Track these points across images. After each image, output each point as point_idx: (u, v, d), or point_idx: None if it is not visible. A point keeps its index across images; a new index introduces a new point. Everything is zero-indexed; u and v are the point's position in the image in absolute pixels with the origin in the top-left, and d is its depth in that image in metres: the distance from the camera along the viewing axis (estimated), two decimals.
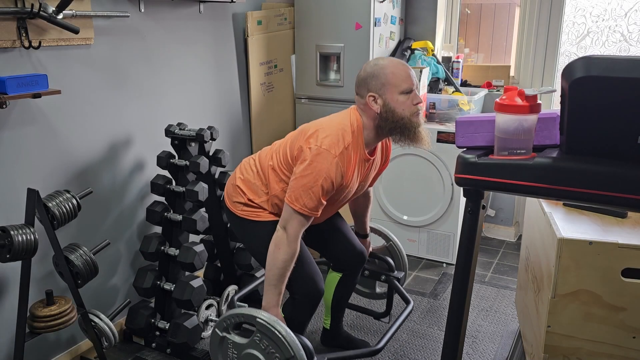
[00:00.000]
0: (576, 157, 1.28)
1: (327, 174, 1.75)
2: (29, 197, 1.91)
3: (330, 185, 1.78)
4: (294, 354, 1.61)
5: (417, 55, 3.38)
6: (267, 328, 1.65)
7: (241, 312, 1.73)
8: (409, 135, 1.84)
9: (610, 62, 1.18)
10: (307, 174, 1.76)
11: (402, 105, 1.81)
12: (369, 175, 2.03)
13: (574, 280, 1.79)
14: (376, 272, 2.40)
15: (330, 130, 1.80)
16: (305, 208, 1.76)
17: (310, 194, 1.75)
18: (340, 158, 1.77)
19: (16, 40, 1.92)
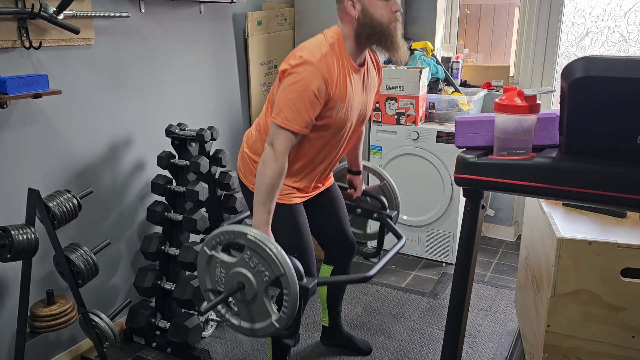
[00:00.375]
0: (576, 157, 1.28)
1: (307, 83, 1.70)
2: (30, 197, 1.91)
3: (313, 95, 1.71)
4: (284, 272, 1.53)
5: (417, 55, 3.38)
6: (257, 245, 1.56)
7: (231, 229, 1.63)
8: (386, 43, 1.80)
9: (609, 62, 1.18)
10: (287, 87, 1.72)
11: (381, 11, 1.77)
12: (369, 93, 1.98)
13: (573, 280, 1.79)
14: (368, 210, 2.32)
15: (306, 46, 1.78)
16: (287, 121, 1.70)
17: (291, 106, 1.70)
18: (319, 65, 1.71)
19: (17, 41, 1.92)
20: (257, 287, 1.59)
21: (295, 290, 1.54)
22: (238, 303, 1.65)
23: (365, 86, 1.92)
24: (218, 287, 1.67)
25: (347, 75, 1.81)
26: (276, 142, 1.73)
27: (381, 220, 2.30)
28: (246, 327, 1.66)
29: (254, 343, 2.52)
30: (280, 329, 1.59)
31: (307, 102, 1.70)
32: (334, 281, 2.11)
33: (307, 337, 2.57)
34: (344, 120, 1.85)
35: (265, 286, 1.58)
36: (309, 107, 1.71)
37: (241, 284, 1.61)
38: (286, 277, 1.54)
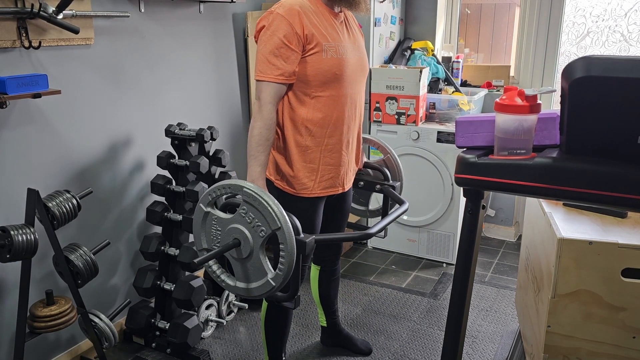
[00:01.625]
0: (576, 157, 1.28)
1: (273, 32, 1.72)
2: (29, 197, 1.91)
3: (281, 42, 1.71)
4: (281, 226, 1.50)
5: (417, 55, 3.38)
6: (254, 198, 1.53)
7: (227, 183, 1.60)
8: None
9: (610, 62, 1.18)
10: (259, 43, 1.76)
11: None
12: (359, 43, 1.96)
13: (574, 280, 1.79)
14: (371, 182, 2.28)
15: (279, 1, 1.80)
16: (262, 73, 1.74)
17: (262, 58, 1.74)
18: (284, 11, 1.72)
19: (16, 40, 1.92)
20: (253, 243, 1.55)
21: (292, 244, 1.50)
22: (234, 262, 1.62)
23: (350, 32, 1.92)
24: (214, 245, 1.64)
25: (326, 19, 1.81)
26: (261, 94, 1.77)
27: (384, 191, 2.24)
28: (241, 287, 1.62)
29: (253, 343, 2.52)
30: (277, 287, 1.55)
31: (274, 49, 1.72)
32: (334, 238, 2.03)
33: (307, 337, 2.57)
34: (338, 60, 1.82)
35: (261, 242, 1.54)
36: (278, 54, 1.73)
37: (237, 240, 1.57)
38: (282, 231, 1.50)
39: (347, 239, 1.90)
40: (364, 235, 1.82)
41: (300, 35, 1.73)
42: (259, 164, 1.79)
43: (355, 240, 1.95)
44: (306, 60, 1.76)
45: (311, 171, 1.89)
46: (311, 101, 1.82)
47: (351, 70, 1.86)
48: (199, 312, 2.46)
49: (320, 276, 2.30)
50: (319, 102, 1.83)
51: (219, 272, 1.66)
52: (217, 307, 2.59)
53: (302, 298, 2.82)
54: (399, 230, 3.35)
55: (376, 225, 1.84)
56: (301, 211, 1.84)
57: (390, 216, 1.95)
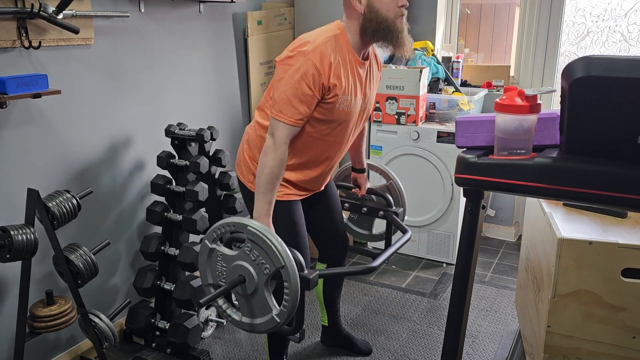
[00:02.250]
0: (576, 157, 1.28)
1: (300, 75, 1.69)
2: (29, 197, 1.91)
3: (307, 88, 1.70)
4: (285, 264, 1.52)
5: (417, 55, 3.38)
6: (258, 237, 1.56)
7: (232, 221, 1.63)
8: (392, 39, 1.80)
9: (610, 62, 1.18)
10: (281, 79, 1.73)
11: (387, 6, 1.76)
12: (372, 87, 1.97)
13: (574, 280, 1.79)
14: (374, 208, 2.31)
15: (304, 37, 1.77)
16: (282, 114, 1.72)
17: (285, 99, 1.71)
18: (312, 55, 1.70)
19: (16, 40, 1.92)
20: (257, 280, 1.58)
21: (295, 282, 1.52)
22: (239, 297, 1.64)
23: (368, 80, 1.92)
24: (219, 281, 1.66)
25: (351, 69, 1.81)
26: (276, 132, 1.74)
27: (387, 217, 2.28)
28: (247, 322, 1.64)
29: (253, 344, 2.52)
30: (281, 323, 1.57)
31: (299, 94, 1.71)
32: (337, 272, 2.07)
33: (307, 337, 2.57)
34: (347, 113, 1.84)
35: (265, 279, 1.57)
36: (302, 98, 1.71)
37: (242, 277, 1.60)
38: (286, 269, 1.52)
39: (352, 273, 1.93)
40: (367, 270, 1.85)
41: (325, 86, 1.74)
42: (268, 201, 1.77)
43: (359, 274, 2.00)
44: (319, 105, 1.78)
45: (289, 184, 1.95)
46: (303, 134, 1.83)
47: (353, 121, 1.91)
48: (199, 312, 2.45)
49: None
50: (310, 139, 1.86)
51: (225, 307, 1.69)
52: None
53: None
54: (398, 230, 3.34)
55: (379, 257, 1.87)
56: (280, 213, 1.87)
57: (393, 247, 1.99)
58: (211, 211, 2.58)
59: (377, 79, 2.01)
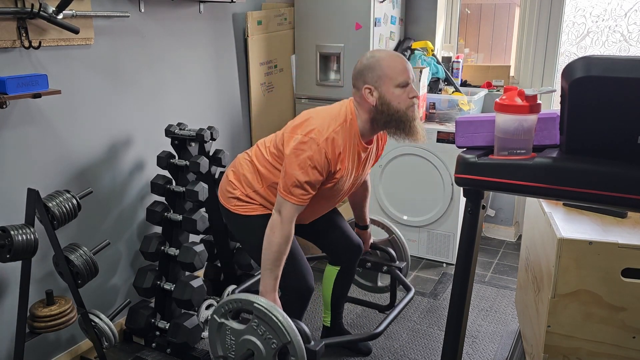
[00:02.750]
0: (576, 157, 1.28)
1: (313, 163, 1.75)
2: (29, 197, 1.91)
3: (317, 174, 1.77)
4: (291, 340, 1.60)
5: (417, 55, 3.38)
6: (264, 314, 1.63)
7: (239, 298, 1.71)
8: (404, 129, 1.83)
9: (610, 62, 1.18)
10: (293, 162, 1.77)
11: (398, 99, 1.80)
12: (367, 166, 2.03)
13: (574, 280, 1.79)
14: (378, 263, 2.38)
15: (318, 120, 1.81)
16: (292, 196, 1.78)
17: (295, 182, 1.76)
18: (325, 145, 1.76)
19: (16, 40, 1.92)
20: (265, 355, 1.66)
21: (302, 355, 1.60)
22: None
23: (367, 159, 1.99)
24: (229, 354, 1.74)
25: (353, 154, 1.88)
26: (283, 210, 1.80)
27: (391, 272, 2.37)
28: None
29: None
30: None
31: (310, 179, 1.77)
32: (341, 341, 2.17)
33: None
34: (340, 187, 1.93)
35: (273, 353, 1.64)
36: (311, 183, 1.78)
37: (250, 351, 1.68)
38: (293, 345, 1.60)
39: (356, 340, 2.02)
40: (372, 336, 1.95)
41: (329, 169, 1.81)
42: (274, 277, 1.83)
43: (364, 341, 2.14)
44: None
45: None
46: None
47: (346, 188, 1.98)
48: (199, 312, 2.45)
49: (338, 276, 2.28)
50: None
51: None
52: None
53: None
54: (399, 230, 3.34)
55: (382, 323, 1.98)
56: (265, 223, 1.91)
57: (397, 309, 2.10)
58: (211, 211, 2.58)
59: (375, 153, 2.08)
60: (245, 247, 2.11)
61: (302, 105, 3.42)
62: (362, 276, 2.61)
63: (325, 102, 3.33)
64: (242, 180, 2.00)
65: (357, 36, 3.13)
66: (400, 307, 2.12)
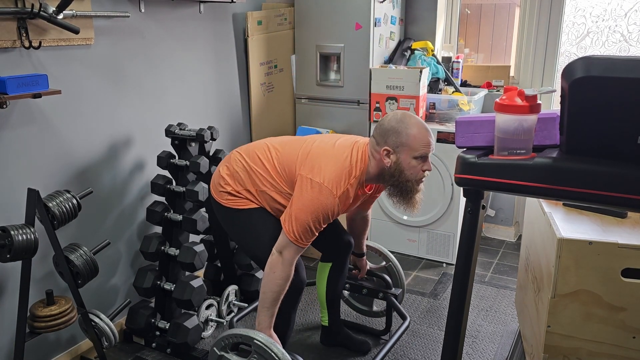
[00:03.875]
0: (576, 157, 1.28)
1: (325, 212, 1.81)
2: (29, 197, 1.91)
3: (328, 220, 1.84)
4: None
5: (417, 55, 3.38)
6: (264, 350, 1.71)
7: (239, 333, 1.79)
8: (405, 197, 1.89)
9: (610, 62, 1.18)
10: (306, 208, 1.80)
11: (413, 169, 1.84)
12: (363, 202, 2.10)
13: (573, 280, 1.79)
14: (374, 289, 2.43)
15: (335, 168, 1.83)
16: (300, 240, 1.82)
17: (305, 226, 1.80)
18: (340, 198, 1.82)
19: (16, 40, 1.92)
20: None
21: None
22: None
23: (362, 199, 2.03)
24: None
25: (356, 195, 1.91)
26: (285, 252, 1.83)
27: (387, 299, 2.40)
28: None
29: None
30: None
31: (321, 224, 1.82)
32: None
33: (307, 337, 2.57)
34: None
35: None
36: (319, 227, 1.83)
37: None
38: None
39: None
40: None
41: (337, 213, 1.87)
42: (271, 315, 1.88)
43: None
44: None
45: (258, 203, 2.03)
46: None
47: None
48: (199, 312, 2.45)
49: (331, 273, 2.30)
50: None
51: None
52: (217, 307, 2.59)
53: (303, 298, 2.81)
54: (399, 230, 3.35)
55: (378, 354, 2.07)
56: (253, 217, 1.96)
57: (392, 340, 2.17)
58: (211, 211, 2.58)
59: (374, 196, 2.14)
60: (235, 240, 2.13)
61: (302, 105, 3.42)
62: (358, 300, 2.66)
63: (325, 102, 3.34)
64: (236, 178, 2.02)
65: (357, 36, 3.13)
66: (396, 337, 2.20)
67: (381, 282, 2.45)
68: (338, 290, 2.37)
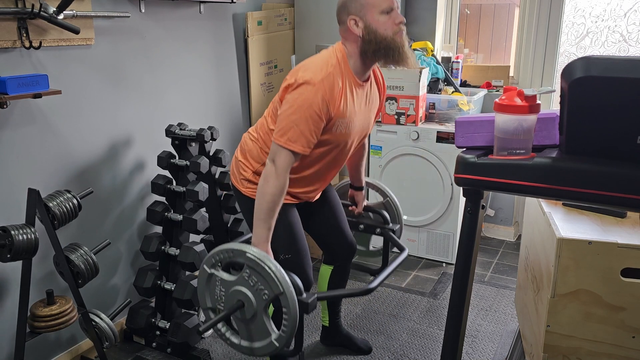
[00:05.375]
0: (576, 157, 1.28)
1: (310, 104, 1.70)
2: (30, 197, 1.91)
3: (316, 116, 1.71)
4: (283, 290, 1.54)
5: (417, 55, 3.38)
6: (256, 263, 1.57)
7: (230, 247, 1.65)
8: (394, 55, 1.79)
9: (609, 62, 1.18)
10: (289, 107, 1.72)
11: (384, 25, 1.76)
12: (372, 109, 1.98)
13: (573, 280, 1.79)
14: (371, 225, 2.34)
15: (310, 67, 1.77)
16: (290, 142, 1.71)
17: (294, 127, 1.71)
18: (321, 85, 1.71)
19: (17, 41, 1.92)
20: (256, 306, 1.61)
21: (294, 308, 1.55)
22: (237, 321, 1.66)
23: (367, 101, 1.92)
24: (218, 305, 1.68)
25: (350, 92, 1.81)
26: (278, 159, 1.73)
27: (384, 234, 2.31)
28: (245, 346, 1.67)
29: None
30: (280, 347, 1.59)
31: (310, 123, 1.71)
32: (335, 295, 2.11)
33: (307, 337, 2.57)
34: (345, 135, 1.85)
35: (264, 305, 1.59)
36: (311, 127, 1.72)
37: (240, 302, 1.62)
38: (285, 296, 1.55)
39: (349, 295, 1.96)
40: (365, 291, 1.90)
41: (329, 112, 1.75)
42: (267, 227, 1.77)
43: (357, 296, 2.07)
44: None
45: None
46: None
47: (351, 140, 1.91)
48: (199, 312, 2.46)
49: (333, 275, 2.29)
50: (308, 160, 1.86)
51: (224, 331, 1.70)
52: None
53: None
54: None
55: (376, 279, 1.93)
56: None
57: (390, 267, 2.03)
58: (211, 211, 2.58)
59: (377, 100, 2.01)
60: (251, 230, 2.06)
61: None
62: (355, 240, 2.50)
63: None
64: (250, 156, 1.96)
65: None
66: (394, 265, 2.04)
67: (379, 218, 2.36)
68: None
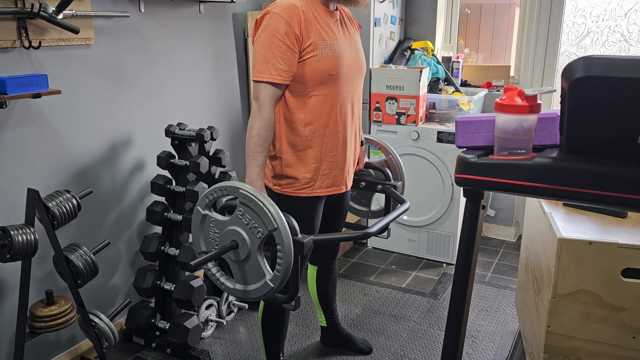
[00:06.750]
0: (576, 157, 1.28)
1: (271, 31, 1.70)
2: (29, 197, 1.91)
3: (278, 41, 1.70)
4: (277, 226, 1.50)
5: (417, 55, 3.38)
6: (250, 199, 1.53)
7: (224, 185, 1.60)
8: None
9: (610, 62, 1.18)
10: (256, 42, 1.74)
11: None
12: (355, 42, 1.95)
13: (574, 280, 1.79)
14: (372, 182, 2.29)
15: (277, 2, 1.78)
16: (260, 74, 1.73)
17: (260, 58, 1.72)
18: (281, 11, 1.71)
19: (16, 40, 1.92)
20: (250, 245, 1.56)
21: (289, 245, 1.50)
22: (232, 264, 1.62)
23: (345, 31, 1.91)
24: (212, 248, 1.64)
25: (322, 17, 1.81)
26: (260, 94, 1.75)
27: (386, 191, 2.24)
28: (240, 289, 1.62)
29: (253, 343, 2.52)
30: (275, 288, 1.55)
31: (273, 49, 1.71)
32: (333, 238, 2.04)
33: (307, 337, 2.57)
34: (335, 58, 1.81)
35: (258, 243, 1.54)
36: (276, 53, 1.71)
37: (234, 242, 1.58)
38: (279, 232, 1.49)
39: (347, 238, 1.89)
40: (364, 235, 1.81)
41: (298, 35, 1.72)
42: (258, 164, 1.78)
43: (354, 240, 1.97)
44: (303, 62, 1.76)
45: (312, 171, 1.88)
46: (308, 100, 1.81)
47: (347, 69, 1.86)
48: (199, 312, 2.45)
49: (318, 276, 2.31)
50: (316, 102, 1.82)
51: (218, 275, 1.66)
52: (217, 307, 2.59)
53: (302, 298, 2.82)
54: (399, 230, 3.35)
55: (376, 224, 1.82)
56: (300, 212, 1.84)
57: (390, 215, 1.94)
58: None
59: (358, 36, 2.00)
60: None
61: None
62: (355, 200, 2.49)
63: None
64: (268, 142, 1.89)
65: None
66: (396, 213, 1.98)
67: (380, 175, 2.32)
68: (329, 293, 2.37)
